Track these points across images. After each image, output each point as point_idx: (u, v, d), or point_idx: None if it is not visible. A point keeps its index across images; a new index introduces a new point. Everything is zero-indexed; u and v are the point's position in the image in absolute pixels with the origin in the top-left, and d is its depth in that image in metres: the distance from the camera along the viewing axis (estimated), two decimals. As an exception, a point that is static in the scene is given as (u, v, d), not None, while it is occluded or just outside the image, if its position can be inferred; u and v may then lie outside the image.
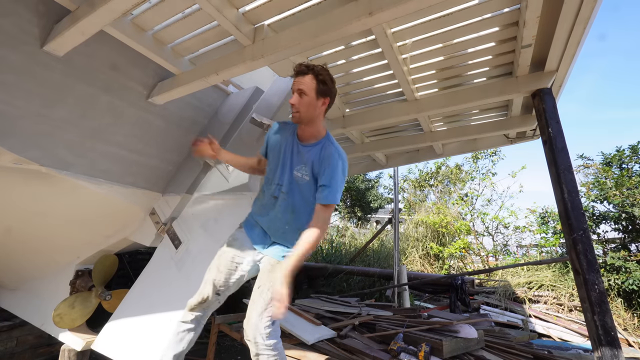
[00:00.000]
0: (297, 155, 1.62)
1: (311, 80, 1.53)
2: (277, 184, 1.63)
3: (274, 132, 1.74)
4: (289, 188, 1.61)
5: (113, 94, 2.16)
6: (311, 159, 1.59)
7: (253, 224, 1.73)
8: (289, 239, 1.61)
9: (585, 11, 1.54)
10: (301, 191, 1.60)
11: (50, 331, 3.06)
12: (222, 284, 1.66)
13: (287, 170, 1.62)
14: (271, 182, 1.66)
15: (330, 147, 1.60)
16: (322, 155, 1.58)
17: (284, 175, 1.62)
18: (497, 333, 3.19)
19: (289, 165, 1.62)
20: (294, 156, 1.63)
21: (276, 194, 1.63)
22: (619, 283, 5.13)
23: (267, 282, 1.57)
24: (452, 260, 8.42)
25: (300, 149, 1.62)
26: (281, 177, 1.62)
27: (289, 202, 1.61)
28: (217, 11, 1.63)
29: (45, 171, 2.13)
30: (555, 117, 2.02)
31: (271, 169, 1.68)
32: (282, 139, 1.68)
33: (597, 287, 1.77)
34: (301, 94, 1.53)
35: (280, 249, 1.65)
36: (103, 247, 3.09)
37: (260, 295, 1.55)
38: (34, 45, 1.71)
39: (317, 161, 1.58)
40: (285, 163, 1.63)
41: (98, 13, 1.49)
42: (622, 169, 6.07)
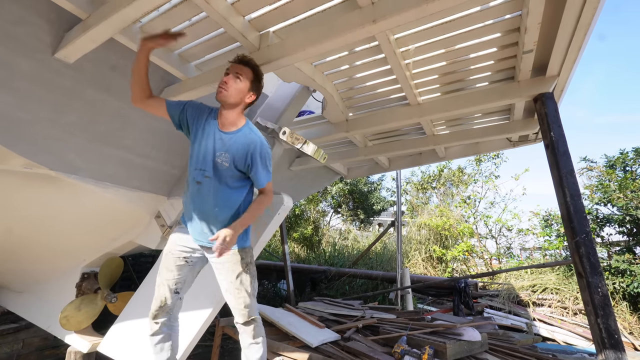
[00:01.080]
0: (219, 141, 1.67)
1: (250, 72, 1.65)
2: (200, 169, 1.66)
3: (200, 112, 1.72)
4: (212, 172, 1.66)
5: (121, 99, 2.20)
6: (233, 146, 1.66)
7: (190, 217, 1.73)
8: (223, 222, 1.67)
9: (586, 17, 1.56)
10: (223, 176, 1.67)
11: (56, 333, 3.10)
12: (177, 281, 1.73)
13: (209, 155, 1.65)
14: (194, 167, 1.68)
15: (253, 135, 1.70)
16: (245, 143, 1.67)
17: (207, 160, 1.65)
18: (500, 336, 3.18)
19: (211, 150, 1.66)
20: (216, 142, 1.67)
21: (199, 179, 1.66)
22: (624, 286, 5.10)
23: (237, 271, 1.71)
24: (455, 263, 8.40)
25: (222, 136, 1.68)
26: (204, 162, 1.65)
27: (212, 185, 1.66)
28: (223, 19, 1.67)
29: (55, 175, 2.18)
30: (557, 121, 2.04)
31: (193, 154, 1.69)
32: (204, 122, 1.70)
33: (600, 290, 1.77)
34: (238, 77, 1.62)
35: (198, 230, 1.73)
36: (109, 250, 3.13)
37: (242, 283, 1.71)
38: (45, 52, 1.76)
39: (241, 149, 1.66)
40: (208, 148, 1.66)
41: (109, 21, 1.53)
42: (625, 171, 6.05)
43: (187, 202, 1.75)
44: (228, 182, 1.68)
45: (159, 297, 1.72)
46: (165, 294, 1.71)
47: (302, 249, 10.20)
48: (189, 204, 1.73)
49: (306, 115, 3.25)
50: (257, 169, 1.69)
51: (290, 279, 5.28)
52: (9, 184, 2.27)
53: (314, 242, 9.92)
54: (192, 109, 1.73)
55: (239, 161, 1.67)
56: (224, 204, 1.69)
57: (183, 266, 1.74)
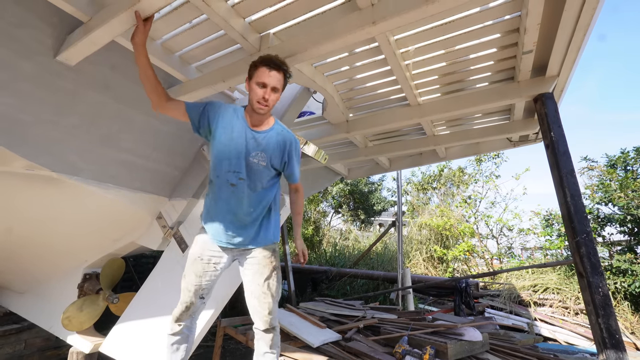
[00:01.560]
0: (252, 141, 1.64)
1: (283, 78, 1.60)
2: (234, 171, 1.62)
3: (224, 112, 1.66)
4: (245, 174, 1.63)
5: (122, 101, 2.21)
6: (269, 145, 1.67)
7: (221, 220, 1.68)
8: (259, 221, 1.72)
9: (585, 18, 1.56)
10: (258, 177, 1.66)
11: (58, 334, 3.11)
12: (204, 287, 1.71)
13: (242, 156, 1.63)
14: (226, 169, 1.63)
15: (286, 132, 1.73)
16: (281, 140, 1.69)
17: (240, 162, 1.62)
18: (502, 336, 3.18)
19: (244, 151, 1.63)
20: (248, 142, 1.63)
21: (234, 181, 1.63)
22: (626, 286, 5.09)
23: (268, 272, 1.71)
24: (456, 263, 8.40)
25: (255, 135, 1.65)
26: (237, 164, 1.62)
27: (246, 186, 1.64)
28: (224, 21, 1.68)
29: (56, 177, 2.19)
30: (557, 122, 2.05)
31: (224, 156, 1.63)
32: (234, 124, 1.64)
33: (601, 290, 1.78)
34: (274, 90, 1.58)
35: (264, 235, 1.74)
36: (110, 250, 3.14)
37: (269, 289, 1.70)
38: (47, 55, 1.77)
39: (278, 147, 1.68)
40: (240, 149, 1.62)
41: (110, 24, 1.54)
42: (626, 170, 6.04)
43: (216, 205, 1.69)
44: (263, 182, 1.68)
45: (184, 301, 1.70)
46: (191, 299, 1.69)
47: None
48: (219, 207, 1.68)
49: (306, 116, 3.26)
50: (293, 165, 1.74)
51: (291, 279, 5.29)
52: (10, 185, 2.28)
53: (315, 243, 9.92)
54: (213, 110, 1.66)
55: (276, 159, 1.68)
56: (258, 204, 1.68)
57: (213, 272, 1.71)
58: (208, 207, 1.74)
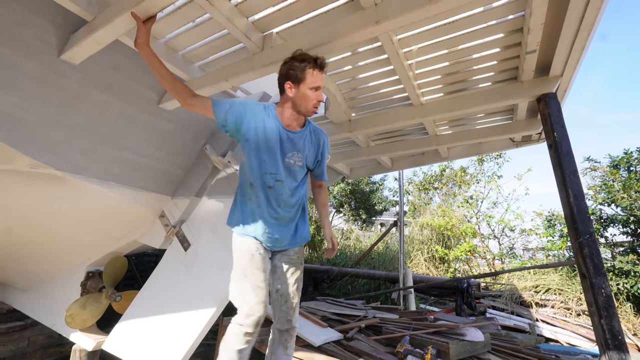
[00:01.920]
0: (287, 142, 1.60)
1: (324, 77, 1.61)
2: (272, 173, 1.59)
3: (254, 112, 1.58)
4: (283, 175, 1.61)
5: (126, 100, 2.22)
6: (306, 145, 1.65)
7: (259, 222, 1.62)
8: (296, 221, 1.72)
9: (589, 18, 1.56)
10: (294, 176, 1.66)
11: (61, 331, 3.13)
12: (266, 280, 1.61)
13: (279, 158, 1.60)
14: (263, 172, 1.58)
15: (319, 131, 1.73)
16: (315, 140, 1.69)
17: (277, 163, 1.59)
18: (503, 337, 3.18)
19: (280, 152, 1.59)
20: (284, 143, 1.60)
21: (271, 183, 1.59)
22: (628, 287, 5.07)
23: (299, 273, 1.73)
24: (458, 263, 8.38)
25: (290, 136, 1.61)
26: (274, 165, 1.59)
27: (285, 187, 1.62)
28: (227, 20, 1.68)
29: (60, 175, 2.20)
30: (560, 122, 2.04)
31: (259, 158, 1.58)
32: (266, 125, 1.57)
33: (603, 291, 1.77)
34: (319, 89, 1.55)
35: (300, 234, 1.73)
36: (113, 249, 3.16)
37: (297, 289, 1.71)
38: (51, 54, 1.78)
39: (313, 146, 1.68)
40: (276, 150, 1.59)
41: (114, 23, 1.55)
42: (630, 171, 6.01)
43: (253, 208, 1.63)
44: (297, 180, 1.68)
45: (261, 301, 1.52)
46: (261, 311, 1.52)
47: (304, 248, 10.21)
48: (256, 210, 1.62)
49: (309, 115, 3.26)
50: (324, 164, 1.77)
51: (292, 278, 5.29)
52: (15, 183, 2.29)
53: (316, 242, 9.92)
54: (242, 109, 1.57)
55: (311, 158, 1.69)
56: (295, 202, 1.68)
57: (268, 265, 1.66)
58: (243, 210, 1.66)
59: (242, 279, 1.57)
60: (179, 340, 2.36)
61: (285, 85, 1.56)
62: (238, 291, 1.57)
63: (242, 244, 1.63)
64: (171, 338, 2.41)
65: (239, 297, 1.56)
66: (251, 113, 1.57)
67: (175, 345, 2.35)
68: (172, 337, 2.41)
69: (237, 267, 1.62)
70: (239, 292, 1.56)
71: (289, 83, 1.54)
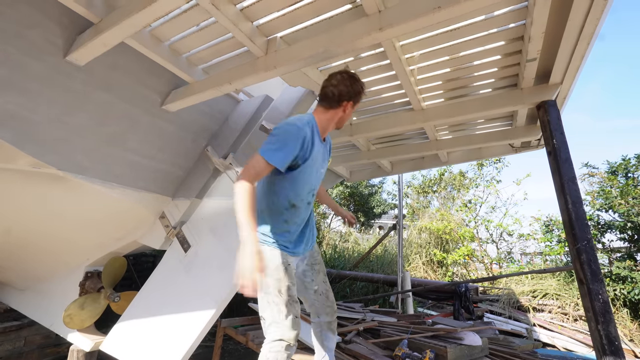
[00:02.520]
0: (323, 156, 1.70)
1: None
2: (312, 191, 1.68)
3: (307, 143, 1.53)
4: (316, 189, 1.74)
5: (129, 101, 2.23)
6: (329, 151, 1.82)
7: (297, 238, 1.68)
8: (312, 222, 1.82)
9: (589, 28, 1.58)
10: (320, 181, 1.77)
11: (59, 331, 3.12)
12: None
13: (318, 174, 1.69)
14: (307, 192, 1.63)
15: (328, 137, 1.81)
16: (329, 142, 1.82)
17: (317, 180, 1.69)
18: (501, 341, 3.19)
19: (317, 167, 1.65)
20: (323, 157, 1.70)
21: (310, 199, 1.70)
22: (625, 293, 5.10)
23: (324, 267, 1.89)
24: (456, 267, 8.40)
25: (325, 147, 1.74)
26: (315, 182, 1.68)
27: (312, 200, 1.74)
28: (232, 24, 1.70)
29: (62, 175, 2.20)
30: (559, 129, 2.06)
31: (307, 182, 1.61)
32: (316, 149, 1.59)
33: (601, 297, 1.79)
34: None
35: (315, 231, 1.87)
36: (113, 249, 3.15)
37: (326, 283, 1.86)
38: (57, 55, 1.79)
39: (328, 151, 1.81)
40: (319, 169, 1.67)
41: (120, 26, 1.57)
42: (627, 177, 6.06)
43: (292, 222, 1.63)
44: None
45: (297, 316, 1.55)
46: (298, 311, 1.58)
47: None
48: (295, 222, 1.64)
49: (310, 118, 3.28)
50: None
51: (291, 280, 5.29)
52: (16, 182, 2.30)
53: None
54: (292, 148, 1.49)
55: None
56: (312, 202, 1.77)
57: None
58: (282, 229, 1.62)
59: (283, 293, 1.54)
60: (177, 341, 2.36)
61: (342, 103, 1.61)
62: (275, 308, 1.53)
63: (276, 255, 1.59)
64: (170, 339, 2.41)
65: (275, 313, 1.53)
66: (306, 147, 1.53)
67: (174, 347, 2.34)
68: (171, 338, 2.41)
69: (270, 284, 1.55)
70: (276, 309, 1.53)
71: (350, 103, 1.63)
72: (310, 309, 1.87)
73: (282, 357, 1.50)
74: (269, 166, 1.47)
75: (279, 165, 1.47)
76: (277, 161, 1.47)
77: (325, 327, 1.86)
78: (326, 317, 1.84)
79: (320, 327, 1.87)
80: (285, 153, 1.47)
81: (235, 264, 1.51)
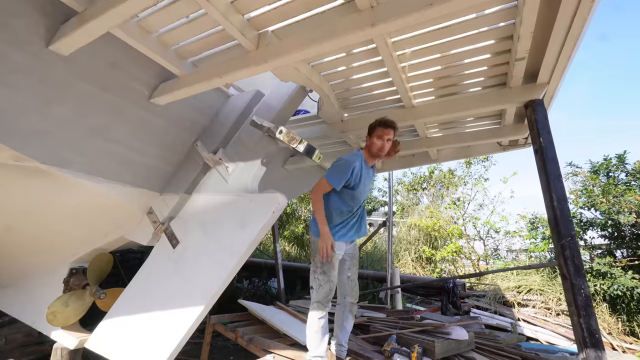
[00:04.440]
0: (369, 177, 2.35)
1: (394, 133, 2.25)
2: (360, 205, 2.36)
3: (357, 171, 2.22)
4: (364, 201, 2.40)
5: (115, 93, 2.17)
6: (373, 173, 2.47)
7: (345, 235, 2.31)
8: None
9: (576, 29, 1.61)
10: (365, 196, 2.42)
11: (42, 329, 3.04)
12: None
13: (366, 189, 2.36)
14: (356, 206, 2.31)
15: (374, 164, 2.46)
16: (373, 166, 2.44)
17: (366, 193, 2.39)
18: (487, 335, 3.26)
19: (367, 185, 2.36)
20: (369, 181, 2.39)
21: (357, 210, 2.34)
22: (605, 288, 5.27)
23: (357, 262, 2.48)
24: (444, 263, 8.53)
25: (371, 173, 2.40)
26: (365, 195, 2.39)
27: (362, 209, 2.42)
28: (222, 17, 1.67)
29: (45, 169, 2.14)
30: (546, 128, 2.10)
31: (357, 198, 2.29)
32: (363, 175, 2.26)
33: (583, 292, 1.84)
34: (388, 141, 2.24)
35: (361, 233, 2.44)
36: (99, 245, 3.08)
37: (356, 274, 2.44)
38: (39, 44, 1.73)
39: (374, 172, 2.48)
40: (366, 190, 2.38)
41: (106, 15, 1.52)
42: (609, 177, 6.25)
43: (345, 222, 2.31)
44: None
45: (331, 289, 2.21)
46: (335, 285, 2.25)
47: (293, 247, 10.21)
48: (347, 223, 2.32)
49: (302, 114, 3.26)
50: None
51: (281, 277, 5.28)
52: (-3, 176, 2.22)
53: (305, 241, 9.93)
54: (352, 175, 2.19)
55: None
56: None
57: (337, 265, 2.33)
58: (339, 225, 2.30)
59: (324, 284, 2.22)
60: (164, 338, 2.32)
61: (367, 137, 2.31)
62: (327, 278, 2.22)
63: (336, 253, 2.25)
64: (157, 336, 2.37)
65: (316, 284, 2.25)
66: (356, 173, 2.22)
67: (161, 344, 2.31)
68: (158, 335, 2.37)
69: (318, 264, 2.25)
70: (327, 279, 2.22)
71: (368, 136, 2.30)
72: (340, 289, 2.40)
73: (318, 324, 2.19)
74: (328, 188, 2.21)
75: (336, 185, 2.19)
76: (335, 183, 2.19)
77: (348, 307, 2.37)
78: (351, 298, 2.37)
79: (344, 307, 2.38)
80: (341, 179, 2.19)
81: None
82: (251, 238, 2.28)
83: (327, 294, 2.20)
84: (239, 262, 2.29)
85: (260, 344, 2.72)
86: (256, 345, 2.74)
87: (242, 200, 2.46)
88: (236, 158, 2.62)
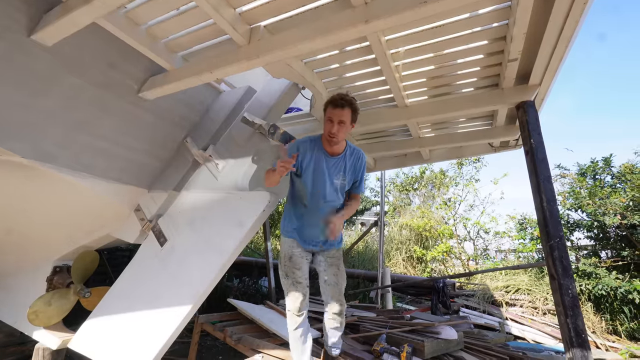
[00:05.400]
0: (333, 167, 1.94)
1: (349, 112, 1.81)
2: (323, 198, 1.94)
3: (306, 153, 1.92)
4: (331, 196, 1.95)
5: (102, 86, 2.11)
6: (346, 166, 1.97)
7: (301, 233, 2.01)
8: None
9: (568, 31, 1.62)
10: (338, 193, 1.98)
11: (23, 329, 2.96)
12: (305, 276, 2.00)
13: (327, 181, 1.92)
14: (316, 198, 1.94)
15: (357, 151, 2.03)
16: (356, 159, 2.01)
17: (325, 186, 1.92)
18: (475, 335, 3.29)
19: (327, 176, 1.92)
20: (330, 170, 1.93)
21: (321, 205, 1.95)
22: (590, 288, 5.37)
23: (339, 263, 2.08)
24: (435, 263, 8.60)
25: (334, 161, 1.95)
26: (322, 188, 1.92)
27: (329, 205, 1.97)
28: (213, 10, 1.63)
29: (27, 163, 2.06)
30: (537, 129, 2.12)
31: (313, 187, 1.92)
32: (316, 160, 1.91)
33: (570, 292, 1.86)
34: (342, 123, 1.80)
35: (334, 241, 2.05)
36: (84, 242, 3.01)
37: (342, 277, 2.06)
38: (20, 33, 1.66)
39: (352, 165, 2.00)
40: (326, 179, 1.92)
41: (92, 5, 1.47)
42: (595, 179, 6.37)
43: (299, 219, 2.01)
44: (339, 195, 1.99)
45: (300, 293, 1.94)
46: (303, 288, 1.95)
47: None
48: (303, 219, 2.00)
49: (294, 112, 3.23)
50: (362, 179, 2.05)
51: (271, 276, 5.24)
52: (-25, 171, 2.14)
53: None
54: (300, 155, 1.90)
55: (350, 176, 1.99)
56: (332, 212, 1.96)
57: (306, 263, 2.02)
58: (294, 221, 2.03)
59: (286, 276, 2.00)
60: (151, 338, 2.27)
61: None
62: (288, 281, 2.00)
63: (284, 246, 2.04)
64: (143, 336, 2.32)
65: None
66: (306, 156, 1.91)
67: (147, 344, 2.26)
68: (144, 335, 2.32)
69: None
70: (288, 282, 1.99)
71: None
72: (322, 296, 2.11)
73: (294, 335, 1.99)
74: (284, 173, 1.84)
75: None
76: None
77: (328, 322, 2.09)
78: (330, 308, 2.06)
79: (327, 315, 2.09)
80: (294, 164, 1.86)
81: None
82: (241, 236, 2.25)
83: (296, 299, 1.94)
84: (228, 260, 2.25)
85: (249, 344, 2.69)
86: (245, 345, 2.71)
87: (232, 197, 2.42)
88: (227, 155, 2.58)
